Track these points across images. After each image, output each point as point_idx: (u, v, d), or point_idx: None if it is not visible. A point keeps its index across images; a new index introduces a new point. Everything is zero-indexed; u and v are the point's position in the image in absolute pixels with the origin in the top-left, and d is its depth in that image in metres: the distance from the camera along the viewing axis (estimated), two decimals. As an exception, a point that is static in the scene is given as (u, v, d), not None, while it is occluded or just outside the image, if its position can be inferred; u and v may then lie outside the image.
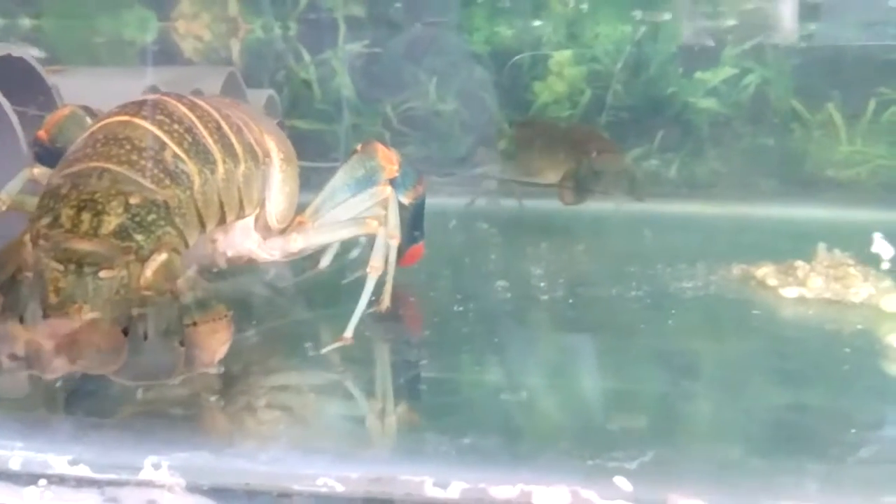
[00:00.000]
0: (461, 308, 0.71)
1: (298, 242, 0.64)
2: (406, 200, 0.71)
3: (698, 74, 1.45)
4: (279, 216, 0.65)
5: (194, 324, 0.50)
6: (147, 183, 0.53)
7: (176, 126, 0.57)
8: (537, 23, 1.50)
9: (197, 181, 0.56)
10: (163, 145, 0.55)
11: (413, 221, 0.73)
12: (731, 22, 1.44)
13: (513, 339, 0.63)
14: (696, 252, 0.94)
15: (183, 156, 0.56)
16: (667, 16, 1.43)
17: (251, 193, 0.61)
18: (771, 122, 1.45)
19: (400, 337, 0.64)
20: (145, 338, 0.49)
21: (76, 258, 0.49)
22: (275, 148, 0.65)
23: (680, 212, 1.40)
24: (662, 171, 1.49)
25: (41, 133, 0.68)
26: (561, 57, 1.50)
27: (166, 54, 1.46)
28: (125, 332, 0.48)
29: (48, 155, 0.65)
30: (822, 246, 0.84)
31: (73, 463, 0.40)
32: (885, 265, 0.76)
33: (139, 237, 0.51)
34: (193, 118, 0.58)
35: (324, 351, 0.58)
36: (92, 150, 0.54)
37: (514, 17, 1.51)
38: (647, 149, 1.47)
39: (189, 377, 0.50)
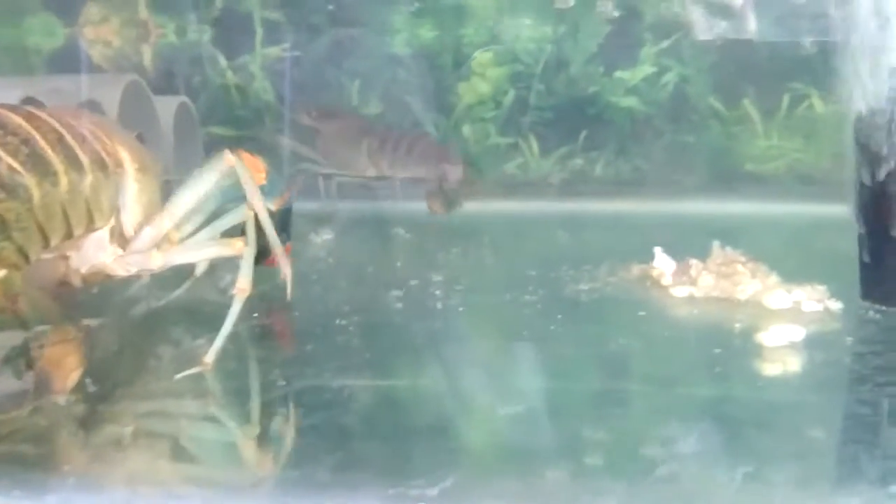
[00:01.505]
0: (344, 321, 0.69)
1: (157, 261, 0.61)
2: (273, 207, 0.70)
3: (618, 73, 1.46)
4: (136, 228, 0.62)
5: (41, 346, 0.47)
6: None
7: (10, 138, 0.54)
8: (459, 24, 1.49)
9: (36, 193, 0.53)
10: None
11: (280, 226, 0.71)
12: (648, 20, 1.45)
13: (382, 353, 0.61)
14: (606, 252, 0.94)
15: (19, 168, 0.53)
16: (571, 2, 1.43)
17: (101, 205, 0.59)
18: (690, 118, 1.46)
19: (265, 356, 0.61)
20: None
21: None
22: (128, 158, 0.62)
23: (605, 210, 1.41)
24: (588, 170, 1.50)
25: None
26: (483, 58, 1.49)
27: (73, 62, 1.41)
28: None
29: None
30: (716, 243, 0.84)
31: None
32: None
33: None
34: (30, 129, 0.56)
35: (178, 377, 0.55)
36: None
37: (435, 19, 1.49)
38: (572, 148, 1.48)
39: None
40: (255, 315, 0.68)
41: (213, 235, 0.64)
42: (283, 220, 0.74)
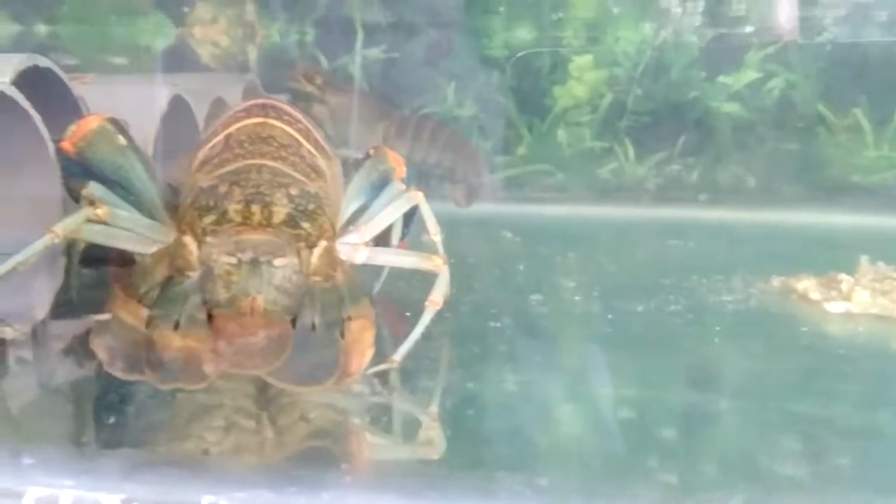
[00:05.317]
0: (497, 324, 0.69)
1: (362, 256, 0.61)
2: None
3: (721, 78, 1.43)
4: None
5: (348, 318, 0.48)
6: (299, 176, 0.54)
7: (300, 125, 0.58)
8: (556, 27, 1.48)
9: (328, 174, 0.57)
10: (298, 143, 0.57)
11: (406, 220, 0.72)
12: (754, 25, 1.42)
13: (557, 358, 0.61)
14: (728, 262, 0.93)
15: (315, 152, 0.57)
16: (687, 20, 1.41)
17: (341, 189, 0.62)
18: (796, 126, 1.43)
19: (445, 356, 0.62)
20: (313, 328, 0.47)
21: (250, 248, 0.48)
22: (331, 149, 0.65)
23: (701, 218, 1.39)
24: (684, 176, 1.47)
25: (66, 145, 0.66)
26: (581, 61, 1.48)
27: (183, 61, 1.45)
28: (293, 324, 0.47)
29: (73, 167, 0.64)
30: (864, 259, 0.82)
31: (126, 502, 0.39)
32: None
33: (306, 225, 0.51)
34: (304, 118, 0.60)
35: (370, 372, 0.56)
36: (241, 150, 0.55)
37: (532, 21, 1.49)
38: (669, 154, 1.45)
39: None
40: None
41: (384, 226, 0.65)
42: (408, 215, 0.73)
